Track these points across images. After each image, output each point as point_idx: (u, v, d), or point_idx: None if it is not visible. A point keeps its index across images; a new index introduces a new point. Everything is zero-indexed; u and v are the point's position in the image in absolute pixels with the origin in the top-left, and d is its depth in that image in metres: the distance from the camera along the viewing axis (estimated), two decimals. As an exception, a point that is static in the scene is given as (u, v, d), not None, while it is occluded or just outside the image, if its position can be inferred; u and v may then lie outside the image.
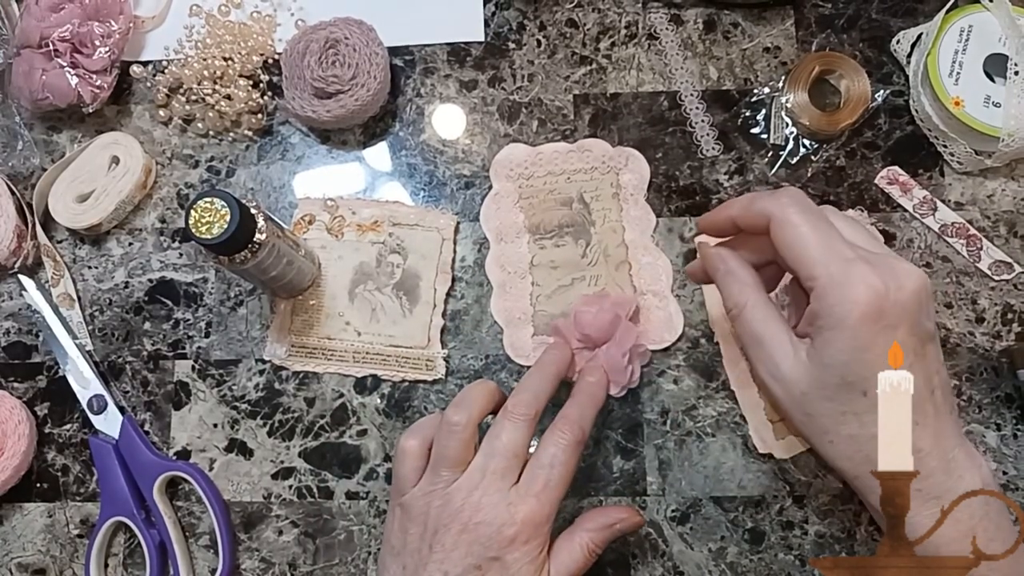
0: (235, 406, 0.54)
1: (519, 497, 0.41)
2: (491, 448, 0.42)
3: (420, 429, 0.45)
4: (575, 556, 0.42)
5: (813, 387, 0.39)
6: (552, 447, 0.42)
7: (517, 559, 0.40)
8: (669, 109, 0.57)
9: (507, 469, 0.41)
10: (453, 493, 0.41)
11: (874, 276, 0.37)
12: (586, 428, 0.43)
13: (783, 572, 0.50)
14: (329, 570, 0.52)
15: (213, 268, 0.56)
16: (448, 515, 0.41)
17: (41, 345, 0.56)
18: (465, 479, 0.42)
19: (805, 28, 0.58)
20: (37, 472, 0.54)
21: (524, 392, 0.44)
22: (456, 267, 0.55)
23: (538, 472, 0.41)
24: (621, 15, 0.59)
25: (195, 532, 0.53)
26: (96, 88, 0.56)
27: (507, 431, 0.42)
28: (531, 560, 0.40)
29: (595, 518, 0.43)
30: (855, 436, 0.38)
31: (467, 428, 0.42)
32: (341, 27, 0.56)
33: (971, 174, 0.55)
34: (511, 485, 0.41)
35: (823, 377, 0.38)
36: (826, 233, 0.38)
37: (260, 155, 0.58)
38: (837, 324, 0.37)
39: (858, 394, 0.37)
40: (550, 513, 0.41)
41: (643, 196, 0.55)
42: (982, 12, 0.55)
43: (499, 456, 0.42)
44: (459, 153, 0.57)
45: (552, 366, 0.46)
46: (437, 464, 0.42)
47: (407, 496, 0.43)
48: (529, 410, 0.43)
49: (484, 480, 0.41)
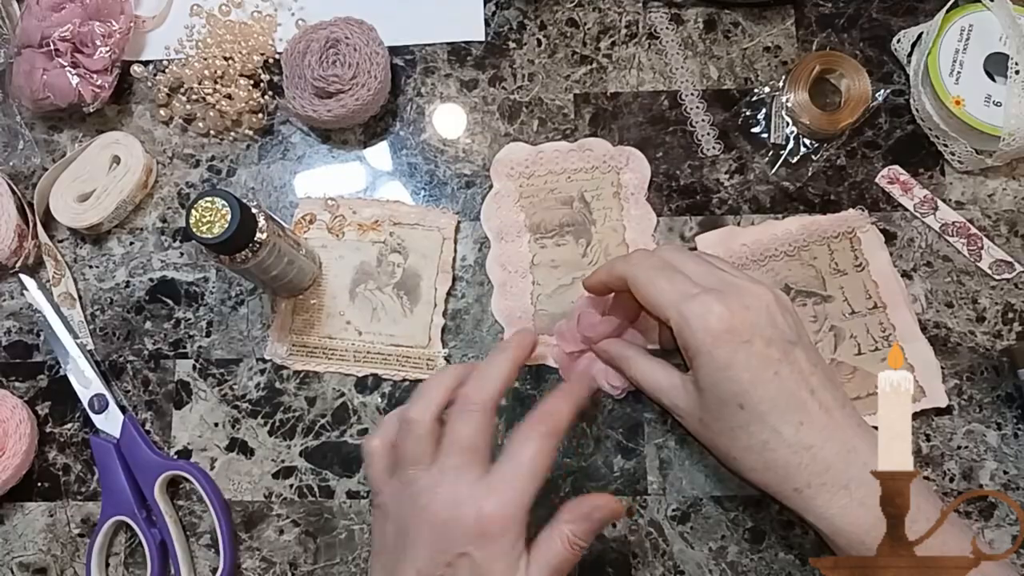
0: (236, 405, 0.54)
1: (485, 490, 0.39)
2: (447, 442, 0.41)
3: (382, 428, 0.44)
4: (555, 549, 0.40)
5: (703, 412, 0.43)
6: (521, 437, 0.41)
7: (488, 555, 0.38)
8: (669, 108, 0.57)
9: (465, 463, 0.40)
10: (418, 491, 0.40)
11: (717, 303, 0.41)
12: (560, 422, 0.42)
13: (783, 571, 0.50)
14: (330, 569, 0.52)
15: (214, 267, 0.56)
16: (416, 513, 0.40)
17: (42, 344, 0.56)
18: (427, 476, 0.40)
19: (805, 27, 0.58)
20: (38, 471, 0.54)
21: (477, 379, 0.42)
22: (457, 266, 0.55)
23: (506, 464, 0.40)
24: (621, 15, 0.59)
25: (196, 531, 0.53)
26: (97, 88, 0.56)
27: (459, 422, 0.41)
28: (504, 555, 0.39)
29: (573, 508, 0.42)
30: (749, 447, 0.41)
31: (423, 424, 0.41)
32: (342, 27, 0.56)
33: (972, 173, 0.55)
34: (478, 477, 0.40)
35: (705, 401, 0.42)
36: (671, 278, 0.43)
37: (261, 154, 0.58)
38: (697, 352, 0.41)
39: (735, 408, 0.41)
40: (520, 506, 0.39)
41: (644, 195, 0.55)
42: (983, 11, 0.55)
43: (454, 450, 0.40)
44: (460, 152, 0.57)
45: (510, 350, 0.44)
46: (401, 463, 0.41)
47: (380, 497, 0.42)
48: (482, 396, 0.41)
49: (444, 476, 0.40)
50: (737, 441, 0.42)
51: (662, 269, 0.44)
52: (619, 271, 0.46)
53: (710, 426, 0.43)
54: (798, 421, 0.40)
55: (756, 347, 0.41)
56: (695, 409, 0.43)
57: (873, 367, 0.52)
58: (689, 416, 0.44)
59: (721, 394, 0.41)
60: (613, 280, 0.47)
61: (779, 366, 0.41)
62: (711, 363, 0.41)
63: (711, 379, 0.41)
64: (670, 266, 0.45)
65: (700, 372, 0.42)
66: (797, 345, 0.42)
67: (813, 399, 0.41)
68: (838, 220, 0.54)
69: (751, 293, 0.42)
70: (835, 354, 0.52)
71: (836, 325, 0.53)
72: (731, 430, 0.42)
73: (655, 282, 0.44)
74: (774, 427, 0.40)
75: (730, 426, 0.42)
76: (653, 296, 0.43)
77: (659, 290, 0.43)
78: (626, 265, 0.46)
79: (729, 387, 0.41)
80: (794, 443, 0.40)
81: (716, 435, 0.43)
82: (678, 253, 0.46)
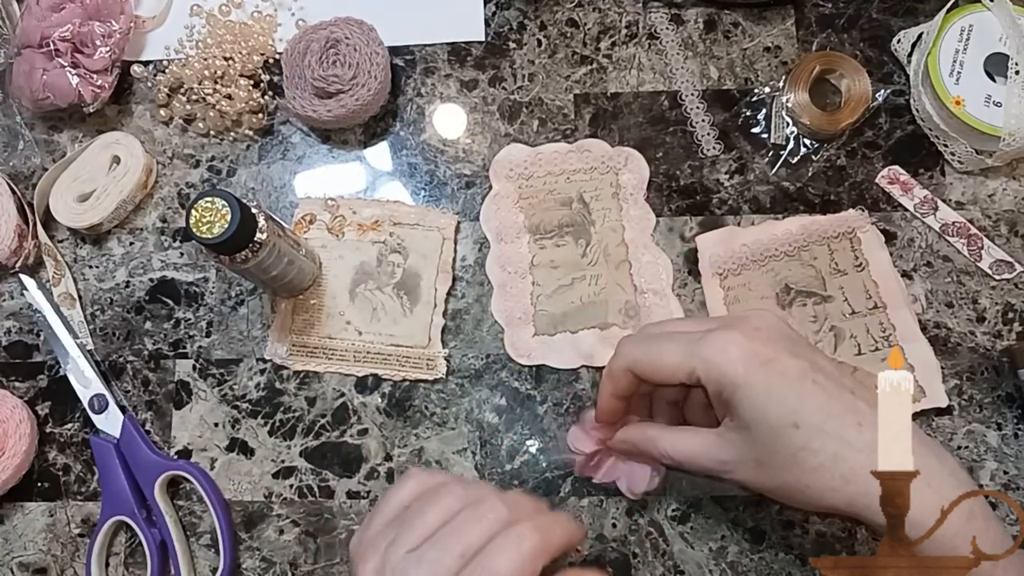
0: (236, 405, 0.54)
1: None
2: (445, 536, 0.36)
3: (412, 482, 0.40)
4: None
5: (758, 451, 0.39)
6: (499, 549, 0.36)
7: None
8: (669, 109, 0.57)
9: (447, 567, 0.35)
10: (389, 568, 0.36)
11: (730, 333, 0.39)
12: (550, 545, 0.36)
13: (783, 572, 0.50)
14: (330, 569, 0.52)
15: (214, 267, 0.56)
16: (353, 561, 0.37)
17: (42, 344, 0.56)
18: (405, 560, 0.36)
19: (806, 28, 0.58)
20: (38, 471, 0.54)
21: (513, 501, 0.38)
22: (457, 267, 0.55)
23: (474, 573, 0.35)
24: (621, 15, 0.59)
25: (196, 531, 0.53)
26: (97, 88, 0.56)
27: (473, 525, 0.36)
28: None
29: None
30: (820, 465, 0.38)
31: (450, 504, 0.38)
32: (342, 27, 0.56)
33: (972, 173, 0.55)
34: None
35: (756, 438, 0.39)
36: (671, 338, 0.41)
37: (261, 155, 0.58)
38: (733, 387, 0.39)
39: (791, 431, 0.38)
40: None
41: (643, 196, 0.55)
42: (983, 11, 0.55)
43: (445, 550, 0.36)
44: (460, 153, 0.57)
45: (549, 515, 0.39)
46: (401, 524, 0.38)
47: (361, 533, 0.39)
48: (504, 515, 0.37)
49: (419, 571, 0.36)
50: (805, 464, 0.38)
51: (656, 336, 0.43)
52: (617, 367, 0.43)
53: (769, 463, 0.39)
54: (856, 422, 0.38)
55: (786, 363, 0.39)
56: (745, 454, 0.40)
57: (873, 367, 0.52)
58: (741, 465, 0.40)
59: (771, 421, 0.38)
60: (618, 383, 0.44)
61: (813, 374, 0.39)
62: (750, 392, 0.38)
63: (755, 410, 0.39)
64: (661, 332, 0.43)
65: (741, 408, 0.39)
66: (815, 352, 0.41)
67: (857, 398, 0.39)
68: (838, 220, 0.54)
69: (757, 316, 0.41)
70: (835, 354, 0.52)
71: (836, 325, 0.53)
72: (792, 456, 0.38)
73: (657, 348, 0.42)
74: (837, 434, 0.38)
75: (791, 452, 0.38)
76: (662, 361, 0.41)
77: (666, 351, 0.41)
78: (618, 358, 0.43)
79: (777, 410, 0.38)
80: (863, 445, 0.38)
81: (780, 470, 0.39)
82: (657, 323, 0.45)
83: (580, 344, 0.53)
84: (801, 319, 0.53)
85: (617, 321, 0.53)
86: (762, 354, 0.39)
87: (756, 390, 0.38)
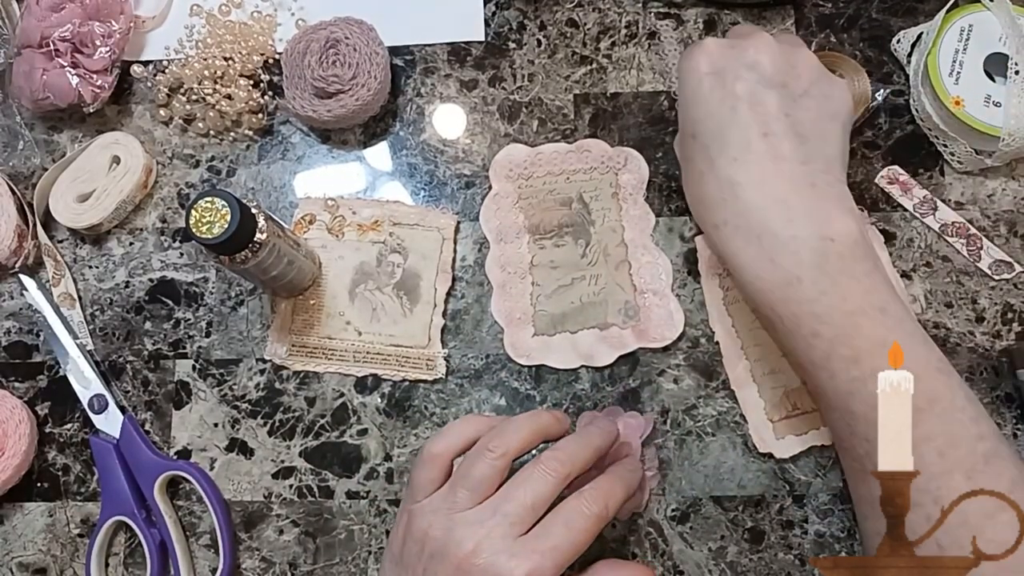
0: (236, 405, 0.54)
1: (524, 551, 0.38)
2: (511, 492, 0.39)
3: (451, 437, 0.43)
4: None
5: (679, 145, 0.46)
6: (574, 511, 0.39)
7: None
8: (669, 109, 0.57)
9: (521, 518, 0.38)
10: (459, 523, 0.39)
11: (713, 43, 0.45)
12: (611, 507, 0.40)
13: (783, 572, 0.50)
14: (329, 569, 0.52)
15: (214, 268, 0.56)
16: (448, 545, 0.38)
17: (42, 345, 0.56)
18: (476, 512, 0.39)
19: (805, 28, 0.58)
20: (38, 471, 0.54)
21: (565, 449, 0.41)
22: (456, 267, 0.55)
23: (553, 531, 0.38)
24: (621, 15, 0.59)
25: (196, 531, 0.53)
26: (97, 88, 0.56)
27: (535, 481, 0.39)
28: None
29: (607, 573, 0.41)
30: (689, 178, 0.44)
31: (503, 458, 0.40)
32: (341, 27, 0.56)
33: (971, 173, 0.55)
34: (519, 535, 0.38)
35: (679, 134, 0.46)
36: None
37: (261, 155, 0.58)
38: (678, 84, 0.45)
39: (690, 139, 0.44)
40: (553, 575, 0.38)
41: (642, 195, 0.55)
42: (982, 11, 0.55)
43: (517, 503, 0.39)
44: (459, 153, 0.57)
45: (598, 438, 0.43)
46: (457, 483, 0.40)
47: (416, 506, 0.41)
48: (564, 468, 0.40)
49: (493, 520, 0.38)
50: (687, 173, 0.44)
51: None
52: None
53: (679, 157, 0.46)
54: (732, 157, 0.41)
55: (724, 82, 0.42)
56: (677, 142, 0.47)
57: (873, 367, 0.52)
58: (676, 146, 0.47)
59: (683, 124, 0.44)
60: None
61: (737, 102, 0.41)
62: (680, 94, 0.45)
63: (680, 111, 0.45)
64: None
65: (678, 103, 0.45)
66: (777, 91, 0.42)
67: (763, 141, 0.41)
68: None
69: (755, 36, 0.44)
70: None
71: (836, 325, 0.53)
72: (685, 161, 0.45)
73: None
74: (711, 158, 0.42)
75: (685, 156, 0.44)
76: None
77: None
78: None
79: (685, 115, 0.44)
80: (722, 177, 0.41)
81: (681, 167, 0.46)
82: None
83: (580, 344, 0.53)
84: None
85: (617, 321, 0.53)
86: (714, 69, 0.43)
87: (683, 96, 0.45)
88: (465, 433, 0.43)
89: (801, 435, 0.51)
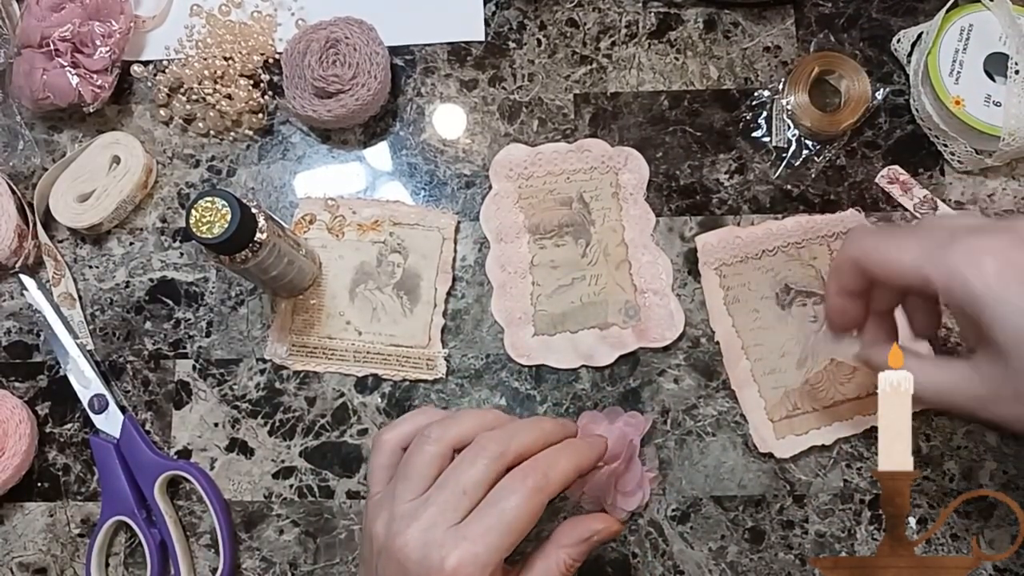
0: (236, 405, 0.54)
1: (454, 539, 0.36)
2: (445, 480, 0.38)
3: (400, 426, 0.42)
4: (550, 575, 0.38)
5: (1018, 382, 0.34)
6: (505, 488, 0.37)
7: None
8: (669, 109, 0.57)
9: (454, 506, 0.37)
10: (397, 517, 0.37)
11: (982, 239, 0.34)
12: (553, 479, 0.37)
13: (783, 572, 0.50)
14: (330, 569, 0.52)
15: (214, 268, 0.56)
16: (389, 540, 0.37)
17: (42, 345, 0.56)
18: (412, 505, 0.38)
19: (805, 27, 0.58)
20: (38, 471, 0.54)
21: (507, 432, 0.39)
22: (456, 267, 0.55)
23: (484, 513, 0.36)
24: (621, 15, 0.59)
25: (196, 531, 0.53)
26: (97, 88, 0.56)
27: (466, 464, 0.38)
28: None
29: (570, 532, 0.39)
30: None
31: (437, 445, 0.38)
32: (341, 27, 0.56)
33: (972, 173, 0.55)
34: (454, 523, 0.36)
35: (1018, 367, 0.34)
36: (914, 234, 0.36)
37: (261, 155, 0.58)
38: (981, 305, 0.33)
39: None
40: (487, 563, 0.35)
41: (642, 195, 0.55)
42: (982, 11, 0.55)
43: (448, 491, 0.37)
44: (459, 152, 0.57)
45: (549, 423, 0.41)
46: (397, 476, 0.39)
47: (369, 501, 0.40)
48: (497, 447, 0.38)
49: (428, 512, 0.37)
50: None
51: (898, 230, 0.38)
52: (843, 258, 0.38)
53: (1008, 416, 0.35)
54: None
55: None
56: (1003, 387, 0.35)
57: (873, 367, 0.52)
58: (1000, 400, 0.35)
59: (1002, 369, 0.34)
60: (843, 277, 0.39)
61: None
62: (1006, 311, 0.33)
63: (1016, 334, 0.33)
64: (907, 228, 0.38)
65: (995, 330, 0.33)
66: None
67: None
68: (836, 220, 0.54)
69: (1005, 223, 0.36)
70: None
71: (836, 325, 0.53)
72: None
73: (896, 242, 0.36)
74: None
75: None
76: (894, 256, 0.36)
77: (905, 247, 0.36)
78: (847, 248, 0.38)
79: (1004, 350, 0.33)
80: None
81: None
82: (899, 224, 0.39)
83: (580, 344, 0.53)
84: (801, 319, 0.53)
85: (617, 321, 0.53)
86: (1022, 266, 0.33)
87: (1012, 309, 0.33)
88: (417, 422, 0.41)
89: (801, 435, 0.51)
